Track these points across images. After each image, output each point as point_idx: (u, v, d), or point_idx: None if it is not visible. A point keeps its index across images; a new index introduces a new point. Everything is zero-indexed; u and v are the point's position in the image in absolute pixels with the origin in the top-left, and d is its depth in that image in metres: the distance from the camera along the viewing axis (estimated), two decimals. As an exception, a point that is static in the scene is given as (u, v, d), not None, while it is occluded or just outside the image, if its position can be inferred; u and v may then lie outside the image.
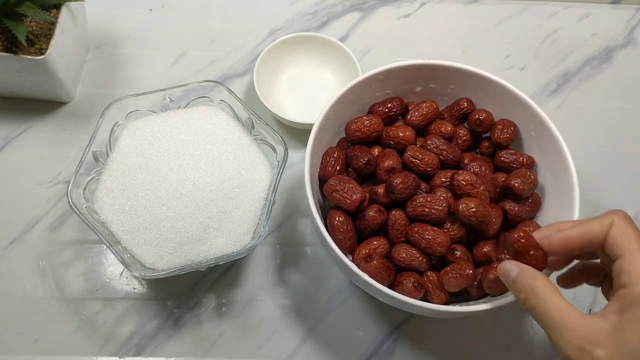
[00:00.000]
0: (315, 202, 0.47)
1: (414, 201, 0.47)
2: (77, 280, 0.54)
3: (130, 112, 0.54)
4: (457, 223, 0.47)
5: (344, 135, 0.54)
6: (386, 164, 0.49)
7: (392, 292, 0.43)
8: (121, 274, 0.55)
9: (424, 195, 0.47)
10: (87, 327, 0.52)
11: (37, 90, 0.60)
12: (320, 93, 0.65)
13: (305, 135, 0.50)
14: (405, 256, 0.46)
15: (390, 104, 0.54)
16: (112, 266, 0.55)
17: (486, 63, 0.68)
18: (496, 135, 0.52)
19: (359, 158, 0.50)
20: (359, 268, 0.44)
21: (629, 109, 0.68)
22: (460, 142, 0.54)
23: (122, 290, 0.54)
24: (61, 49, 0.56)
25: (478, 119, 0.53)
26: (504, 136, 0.52)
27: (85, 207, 0.49)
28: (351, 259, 0.46)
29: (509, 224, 0.50)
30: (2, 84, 0.60)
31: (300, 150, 0.62)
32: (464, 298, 0.48)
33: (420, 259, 0.46)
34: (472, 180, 0.47)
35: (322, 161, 0.51)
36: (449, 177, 0.49)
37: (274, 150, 0.54)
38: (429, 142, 0.51)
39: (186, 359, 0.52)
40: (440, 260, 0.48)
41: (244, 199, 0.51)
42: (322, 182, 0.51)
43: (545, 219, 0.50)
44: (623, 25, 0.74)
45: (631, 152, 0.65)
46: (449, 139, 0.53)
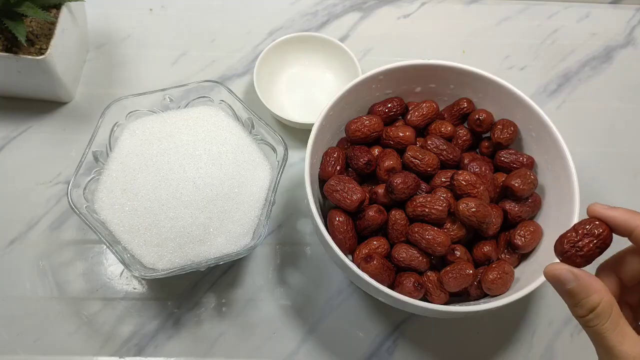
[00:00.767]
0: (315, 202, 0.47)
1: (414, 201, 0.47)
2: (77, 280, 0.54)
3: (130, 112, 0.54)
4: (457, 223, 0.47)
5: (344, 135, 0.54)
6: (386, 164, 0.49)
7: (392, 292, 0.43)
8: (121, 274, 0.55)
9: (424, 195, 0.47)
10: (87, 327, 0.52)
11: (37, 90, 0.60)
12: (320, 93, 0.65)
13: (305, 135, 0.50)
14: (405, 256, 0.46)
15: (390, 104, 0.54)
16: (112, 266, 0.55)
17: (486, 63, 0.68)
18: (496, 135, 0.52)
19: (359, 158, 0.50)
20: (359, 268, 0.44)
21: (629, 109, 0.68)
22: (460, 142, 0.54)
23: (122, 290, 0.54)
24: (61, 49, 0.56)
25: (478, 119, 0.53)
26: (504, 136, 0.52)
27: (85, 207, 0.49)
28: (351, 259, 0.46)
29: (509, 224, 0.50)
30: (2, 84, 0.60)
31: (300, 150, 0.62)
32: (464, 298, 0.48)
33: (420, 259, 0.46)
34: (472, 180, 0.47)
35: (322, 161, 0.51)
36: (449, 177, 0.49)
37: (274, 150, 0.54)
38: (429, 142, 0.51)
39: (186, 359, 0.52)
40: (440, 260, 0.48)
41: (244, 199, 0.51)
42: (322, 182, 0.51)
43: (545, 219, 0.50)
44: (623, 25, 0.74)
45: (631, 152, 0.65)
46: (449, 139, 0.53)
